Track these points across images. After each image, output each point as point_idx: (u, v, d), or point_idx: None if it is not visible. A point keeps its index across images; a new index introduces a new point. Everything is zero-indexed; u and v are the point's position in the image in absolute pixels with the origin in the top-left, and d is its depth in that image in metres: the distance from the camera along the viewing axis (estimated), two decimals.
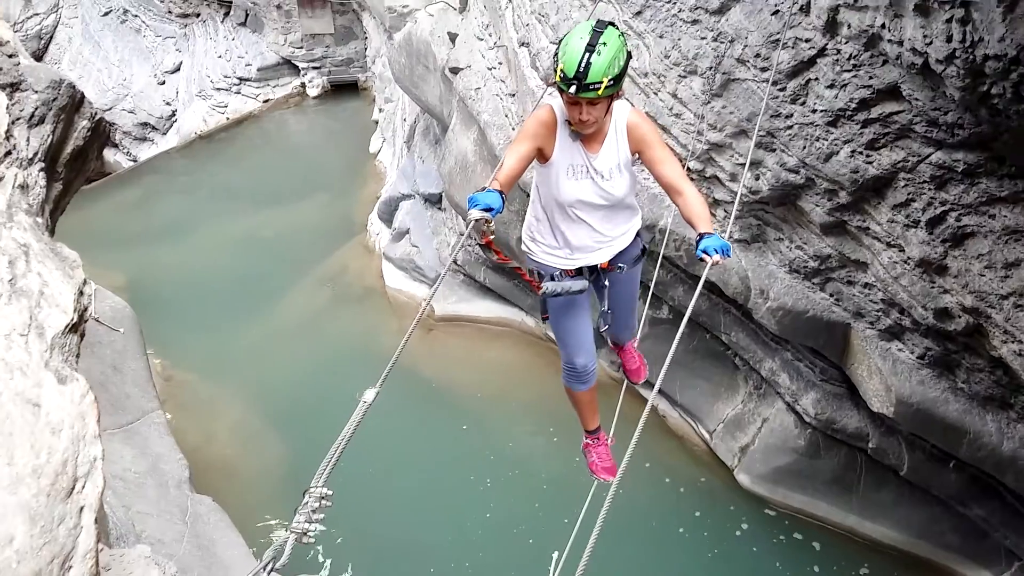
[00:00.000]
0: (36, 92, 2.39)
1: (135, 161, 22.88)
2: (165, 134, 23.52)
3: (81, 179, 2.89)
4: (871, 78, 5.49)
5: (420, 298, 12.13)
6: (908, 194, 5.74)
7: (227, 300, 13.05)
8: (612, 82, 3.24)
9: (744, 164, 6.58)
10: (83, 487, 1.55)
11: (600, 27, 3.27)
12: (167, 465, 7.80)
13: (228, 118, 22.07)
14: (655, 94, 7.17)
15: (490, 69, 9.71)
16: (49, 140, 2.27)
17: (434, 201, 13.05)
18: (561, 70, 3.25)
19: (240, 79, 22.72)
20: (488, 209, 3.22)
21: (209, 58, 23.07)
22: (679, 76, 6.87)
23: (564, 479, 8.18)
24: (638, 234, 4.05)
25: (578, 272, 3.98)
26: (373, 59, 21.21)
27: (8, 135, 1.91)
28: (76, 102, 2.64)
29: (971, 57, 4.12)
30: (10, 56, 2.35)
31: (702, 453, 9.07)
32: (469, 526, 8.46)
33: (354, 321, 12.15)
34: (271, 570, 1.94)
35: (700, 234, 3.44)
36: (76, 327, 1.72)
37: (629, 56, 3.34)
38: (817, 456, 7.97)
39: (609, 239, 3.91)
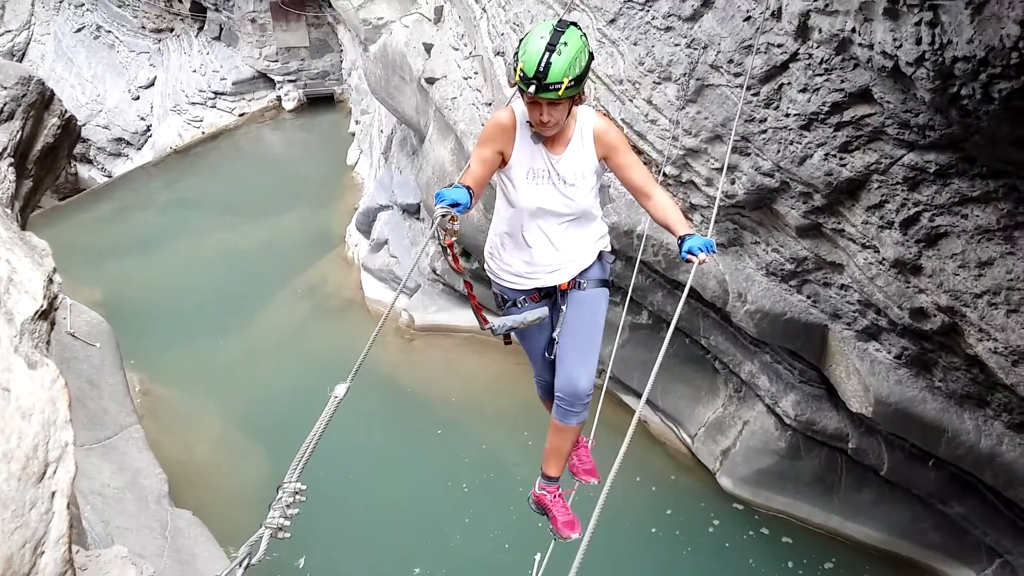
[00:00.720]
0: (5, 88, 2.37)
1: (110, 177, 22.72)
2: (140, 149, 23.38)
3: (52, 177, 2.87)
4: (843, 82, 5.56)
5: (399, 308, 12.10)
6: (882, 196, 5.81)
7: (205, 314, 12.96)
8: (573, 83, 3.14)
9: (720, 169, 6.64)
10: (55, 472, 1.54)
11: (561, 27, 3.17)
12: (146, 480, 7.72)
13: (203, 132, 21.97)
14: (630, 100, 7.21)
15: (466, 79, 9.73)
16: (18, 136, 2.25)
17: (412, 211, 13.05)
18: (520, 69, 3.16)
19: (215, 93, 22.64)
20: (455, 204, 3.13)
21: (184, 72, 22.98)
22: (654, 83, 6.92)
23: None
24: (602, 256, 3.80)
25: (541, 296, 3.76)
26: (349, 71, 21.21)
27: None
28: (46, 99, 2.62)
29: (940, 59, 4.18)
30: None
31: (684, 457, 9.10)
32: (448, 531, 8.43)
33: (333, 333, 12.10)
34: (247, 566, 1.92)
35: (681, 236, 3.35)
36: (46, 314, 1.71)
37: (591, 57, 3.25)
38: (798, 457, 8.01)
39: (571, 257, 3.69)
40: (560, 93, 3.14)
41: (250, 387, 10.86)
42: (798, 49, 5.68)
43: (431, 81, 10.24)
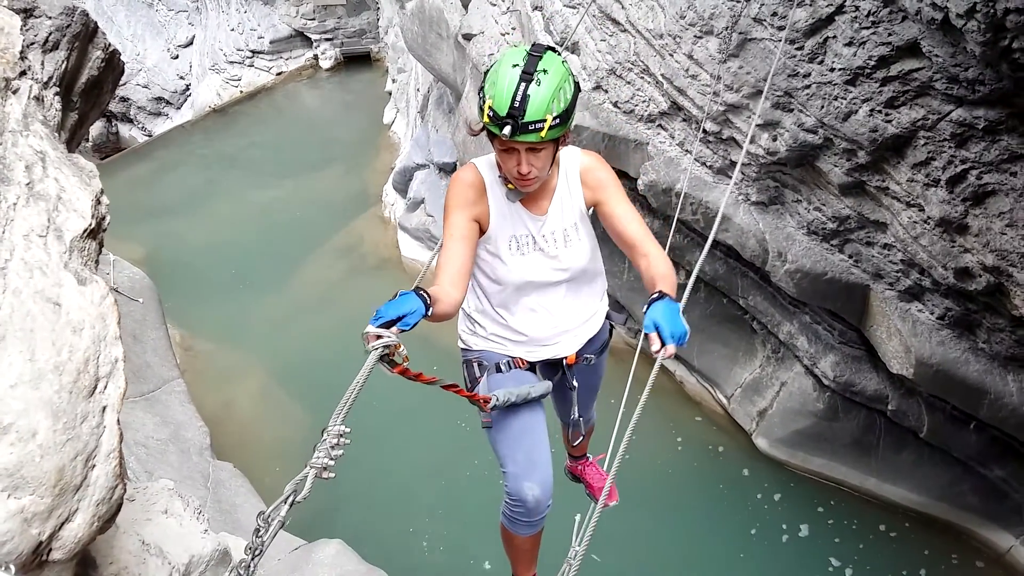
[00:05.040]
0: (50, 18, 2.37)
1: (150, 136, 22.95)
2: (179, 108, 23.56)
3: (97, 112, 2.90)
4: (890, 35, 5.42)
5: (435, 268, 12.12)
6: (928, 153, 5.68)
7: (244, 271, 13.12)
8: (558, 120, 2.50)
9: (763, 125, 6.54)
10: (105, 387, 1.57)
11: (537, 51, 2.55)
12: (188, 432, 7.89)
13: (242, 91, 22.06)
14: (670, 55, 7.09)
15: (503, 35, 9.63)
16: (64, 66, 2.26)
17: (448, 170, 13.02)
18: (490, 107, 2.49)
19: (253, 52, 22.67)
20: (396, 320, 2.24)
21: (222, 31, 23.02)
22: (695, 37, 6.79)
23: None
24: (607, 315, 3.25)
25: (531, 367, 3.12)
26: (385, 29, 21.08)
27: (23, 56, 1.91)
28: (90, 32, 2.62)
29: (992, 11, 4.05)
30: None
31: (720, 418, 9.07)
32: (483, 485, 8.50)
33: (370, 291, 12.17)
34: (292, 503, 1.97)
35: (656, 294, 2.56)
36: (94, 233, 1.73)
37: (578, 89, 2.63)
38: (836, 419, 7.94)
39: (574, 326, 3.10)
40: (543, 135, 2.49)
41: (288, 343, 11.00)
42: (844, 1, 5.54)
43: (468, 37, 10.15)
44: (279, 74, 22.57)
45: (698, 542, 7.83)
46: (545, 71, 2.50)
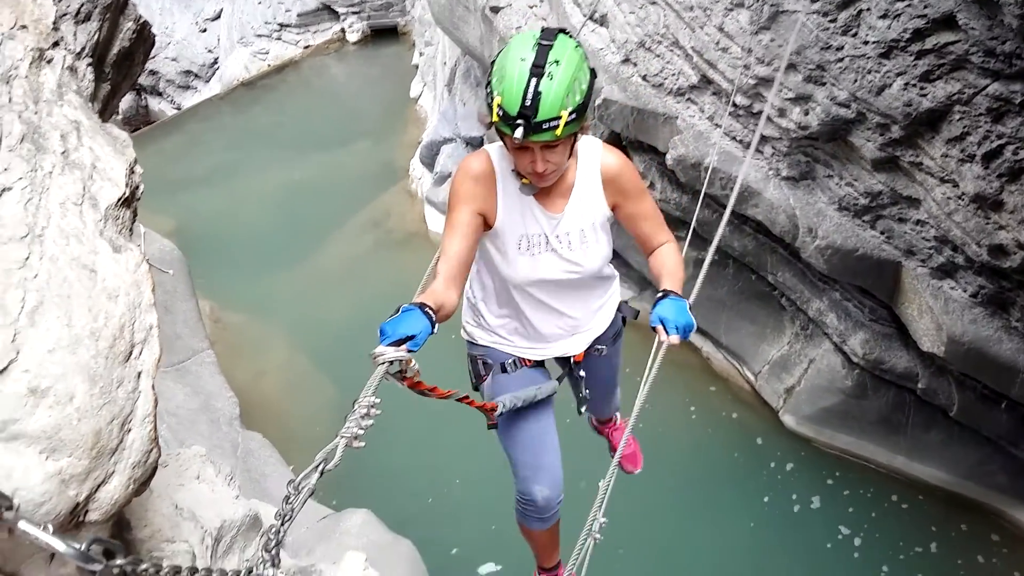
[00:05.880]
0: None
1: (179, 109, 23.07)
2: (208, 82, 23.64)
3: (128, 83, 2.92)
4: (925, 7, 5.33)
5: None
6: (963, 128, 5.59)
7: (272, 244, 13.22)
8: (574, 115, 2.30)
9: (794, 99, 6.46)
10: (140, 353, 1.60)
11: (548, 38, 2.31)
12: (218, 403, 8.00)
13: (269, 65, 22.09)
14: (700, 28, 7.00)
15: (531, 7, 9.55)
16: (96, 37, 2.27)
17: (476, 144, 12.99)
18: (499, 106, 2.30)
19: (281, 25, 22.67)
20: (406, 339, 2.18)
21: (249, 5, 23.02)
22: (726, 8, 6.71)
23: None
24: (619, 308, 3.14)
25: (539, 363, 3.05)
26: (412, 2, 20.97)
27: (56, 27, 1.93)
28: (121, 3, 2.63)
29: None
30: None
31: (746, 395, 9.04)
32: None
33: (397, 265, 12.23)
34: (323, 471, 2.00)
35: (662, 292, 2.61)
36: (128, 202, 1.75)
37: (594, 75, 2.40)
38: (864, 397, 7.89)
39: (583, 324, 2.99)
40: (559, 132, 2.29)
41: (317, 316, 11.10)
42: None
43: (495, 10, 10.08)
44: (306, 47, 22.56)
45: (721, 515, 7.83)
46: (557, 62, 2.26)
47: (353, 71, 21.66)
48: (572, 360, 3.09)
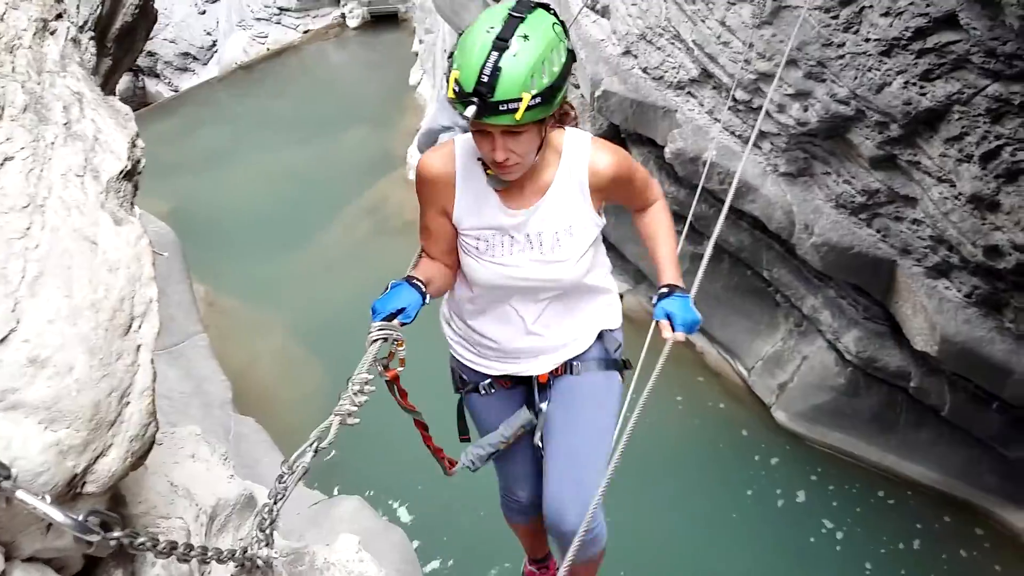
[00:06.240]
0: None
1: (176, 91, 22.95)
2: (206, 64, 23.51)
3: (130, 59, 2.91)
4: (928, 6, 5.34)
5: None
6: (962, 127, 5.60)
7: (268, 229, 13.18)
8: (539, 100, 2.04)
9: (793, 95, 6.46)
10: (140, 327, 1.60)
11: (520, 10, 2.07)
12: (211, 387, 7.99)
13: (268, 49, 21.98)
14: (702, 22, 7.00)
15: None
16: (98, 11, 2.27)
17: None
18: (456, 80, 2.06)
19: (280, 9, 22.56)
20: (397, 312, 2.18)
21: None
22: (728, 3, 6.71)
23: None
24: (603, 334, 2.72)
25: (515, 381, 2.75)
26: None
27: None
28: None
29: None
30: None
31: (739, 390, 9.06)
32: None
33: (393, 253, 12.16)
34: (317, 449, 2.00)
35: (664, 288, 2.45)
36: (130, 175, 1.75)
37: (572, 57, 2.16)
38: (857, 395, 7.92)
39: (555, 342, 2.63)
40: (518, 117, 2.03)
41: (311, 302, 11.07)
42: None
43: None
44: (306, 32, 22.47)
45: (704, 507, 7.85)
46: (526, 37, 2.02)
47: (353, 57, 21.58)
48: (536, 381, 2.70)
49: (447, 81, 2.08)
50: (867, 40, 5.82)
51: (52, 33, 1.78)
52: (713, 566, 7.25)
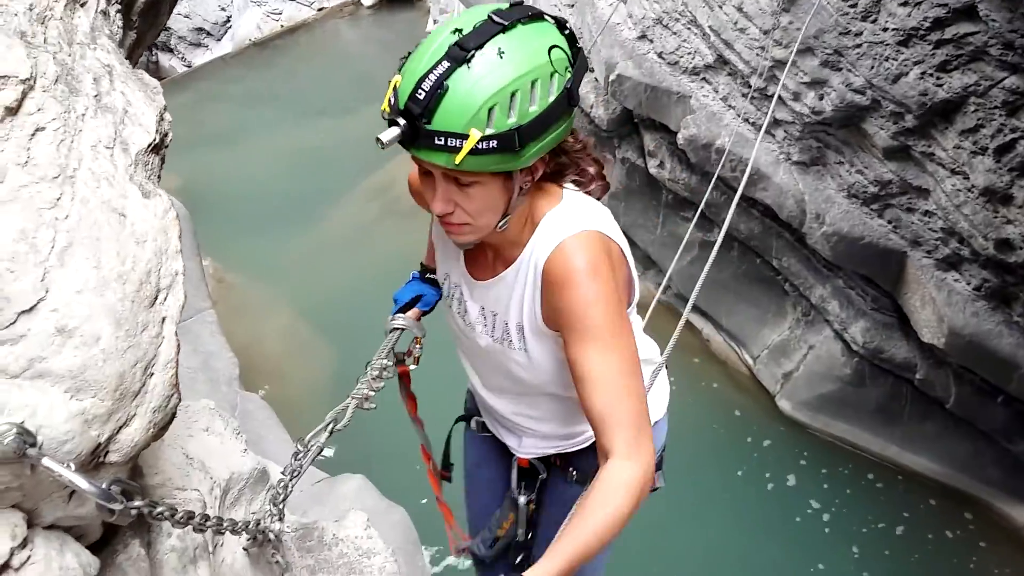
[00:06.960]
0: None
1: (189, 67, 22.93)
2: (219, 40, 23.48)
3: (153, 33, 2.94)
4: None
5: None
6: (977, 119, 5.59)
7: (278, 208, 13.19)
8: (497, 144, 1.47)
9: (809, 83, 6.44)
10: (165, 299, 1.62)
11: (507, 16, 1.50)
12: (218, 363, 8.01)
13: (282, 26, 21.93)
14: (719, 7, 6.97)
15: None
16: None
17: None
18: (394, 87, 1.66)
19: None
20: (415, 300, 2.08)
21: None
22: None
23: None
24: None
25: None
26: None
27: None
28: None
29: None
30: None
31: (744, 378, 9.07)
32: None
33: (402, 234, 12.17)
34: (332, 431, 2.03)
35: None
36: (157, 148, 1.77)
37: (570, 96, 1.54)
38: (862, 385, 7.92)
39: (528, 427, 2.16)
40: (458, 160, 1.49)
41: (319, 281, 11.10)
42: None
43: None
44: (320, 9, 22.40)
45: (696, 491, 7.88)
46: (500, 53, 1.45)
47: (366, 36, 21.51)
48: (516, 463, 2.32)
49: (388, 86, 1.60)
50: (885, 30, 5.79)
51: (82, 5, 1.79)
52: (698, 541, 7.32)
